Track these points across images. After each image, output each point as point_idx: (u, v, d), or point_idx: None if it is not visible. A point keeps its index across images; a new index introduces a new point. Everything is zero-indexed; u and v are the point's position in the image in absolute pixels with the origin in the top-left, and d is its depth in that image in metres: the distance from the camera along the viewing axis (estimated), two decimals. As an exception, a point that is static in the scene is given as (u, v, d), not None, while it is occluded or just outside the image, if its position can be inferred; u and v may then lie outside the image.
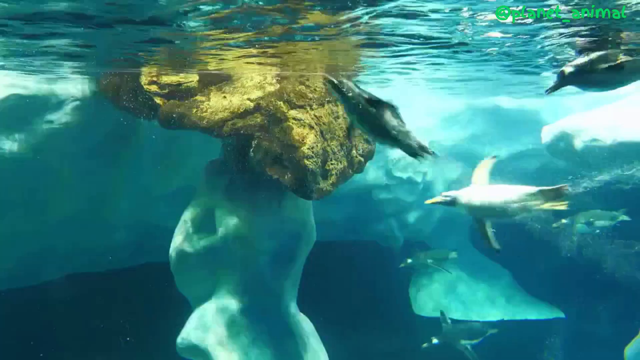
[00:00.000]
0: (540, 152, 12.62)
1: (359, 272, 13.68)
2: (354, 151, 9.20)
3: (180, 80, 8.80)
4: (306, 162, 8.14)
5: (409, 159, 14.26)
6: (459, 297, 15.24)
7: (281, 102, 8.43)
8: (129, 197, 10.31)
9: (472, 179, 6.29)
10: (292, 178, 8.20)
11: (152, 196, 10.59)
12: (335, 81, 4.49)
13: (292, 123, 8.30)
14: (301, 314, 9.78)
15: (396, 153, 13.29)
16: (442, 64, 9.34)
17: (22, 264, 10.09)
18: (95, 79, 9.24)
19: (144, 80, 8.70)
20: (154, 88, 8.70)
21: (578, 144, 10.62)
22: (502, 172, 13.94)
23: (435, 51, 8.29)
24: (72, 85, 9.29)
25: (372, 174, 13.17)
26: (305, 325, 9.67)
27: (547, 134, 11.72)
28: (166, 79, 8.76)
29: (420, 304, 14.99)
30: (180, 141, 10.21)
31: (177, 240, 9.16)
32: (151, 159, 10.25)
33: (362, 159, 9.31)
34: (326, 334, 12.79)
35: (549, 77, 11.44)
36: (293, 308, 9.63)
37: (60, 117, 9.22)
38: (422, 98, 13.56)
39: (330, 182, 8.57)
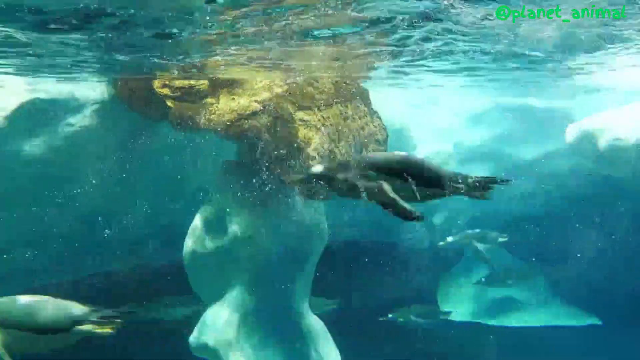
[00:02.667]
0: (571, 153, 12.20)
1: (384, 273, 13.54)
2: (364, 153, 9.14)
3: (192, 83, 8.97)
4: (310, 163, 8.15)
5: (437, 158, 13.85)
6: (489, 302, 14.86)
7: (288, 104, 8.48)
8: (151, 197, 10.58)
9: None
10: (297, 179, 8.22)
11: (173, 196, 10.80)
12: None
13: (298, 124, 8.33)
14: (313, 315, 9.77)
15: (421, 153, 13.10)
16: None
17: (51, 262, 10.49)
18: (113, 82, 9.54)
19: (156, 83, 8.91)
20: (165, 91, 8.89)
21: (602, 143, 10.20)
22: (532, 173, 13.67)
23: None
24: (92, 88, 9.61)
25: (396, 174, 13.00)
26: (317, 326, 9.66)
27: (570, 134, 11.31)
28: (178, 82, 8.94)
29: (449, 307, 14.70)
30: (200, 141, 10.38)
31: (190, 241, 9.34)
32: (171, 158, 10.47)
33: (373, 160, 9.22)
34: (348, 336, 12.72)
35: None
36: (304, 309, 9.65)
37: (80, 120, 9.55)
38: (447, 97, 13.34)
39: (338, 183, 8.53)
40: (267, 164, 8.41)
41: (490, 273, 13.66)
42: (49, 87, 9.34)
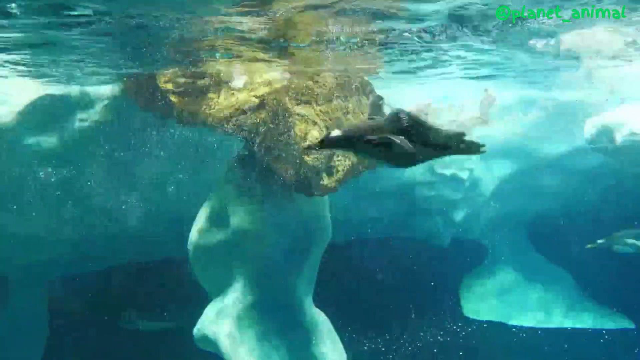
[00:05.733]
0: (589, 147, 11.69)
1: (403, 271, 13.35)
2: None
3: (195, 78, 9.05)
4: (306, 158, 8.09)
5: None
6: (514, 301, 14.42)
7: (286, 98, 8.41)
8: (160, 190, 10.77)
9: None
10: (293, 174, 8.19)
11: (185, 190, 10.96)
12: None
13: (296, 119, 8.27)
14: (317, 309, 9.72)
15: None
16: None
17: (64, 255, 10.86)
18: (122, 79, 9.74)
19: (161, 79, 9.03)
20: (170, 87, 9.00)
21: (618, 138, 9.72)
22: (558, 169, 13.15)
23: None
24: (102, 85, 9.85)
25: (414, 170, 12.78)
26: (320, 321, 9.60)
27: (589, 128, 10.81)
28: (182, 78, 9.03)
29: (472, 306, 14.38)
30: (212, 136, 10.48)
31: (194, 234, 9.45)
32: (181, 153, 10.62)
33: (376, 155, 9.06)
34: (365, 333, 12.62)
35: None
36: (307, 303, 9.61)
37: (92, 115, 9.81)
38: (469, 90, 12.94)
39: (336, 178, 8.45)
40: (264, 158, 8.41)
41: None
42: (60, 85, 9.63)
